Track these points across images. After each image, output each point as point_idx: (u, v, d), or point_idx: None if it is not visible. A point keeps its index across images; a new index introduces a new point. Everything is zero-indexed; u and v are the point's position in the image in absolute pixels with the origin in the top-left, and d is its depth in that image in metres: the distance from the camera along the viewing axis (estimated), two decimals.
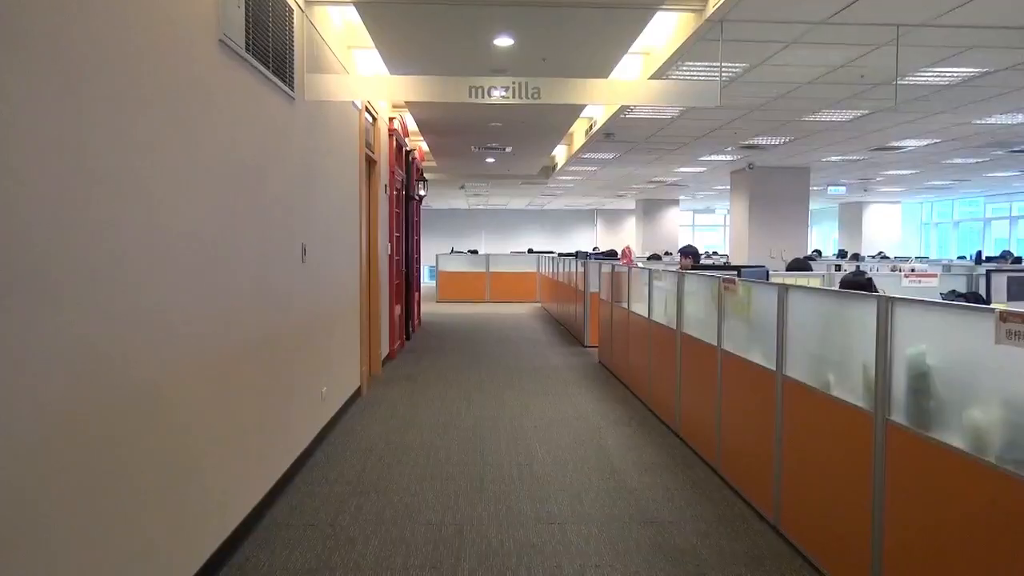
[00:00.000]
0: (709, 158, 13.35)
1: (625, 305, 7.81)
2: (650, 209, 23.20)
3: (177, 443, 3.00)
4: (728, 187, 16.04)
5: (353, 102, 6.76)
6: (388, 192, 9.06)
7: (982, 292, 5.36)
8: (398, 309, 10.02)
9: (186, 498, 3.08)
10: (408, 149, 11.16)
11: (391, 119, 9.28)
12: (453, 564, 3.50)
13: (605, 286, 9.25)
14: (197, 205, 3.18)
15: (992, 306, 2.86)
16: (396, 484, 4.64)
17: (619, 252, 12.22)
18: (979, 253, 14.15)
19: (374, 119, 8.07)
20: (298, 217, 4.85)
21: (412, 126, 10.81)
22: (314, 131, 5.33)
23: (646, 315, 6.81)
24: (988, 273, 5.48)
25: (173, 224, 2.94)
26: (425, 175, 13.41)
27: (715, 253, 19.56)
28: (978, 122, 9.57)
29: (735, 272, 5.79)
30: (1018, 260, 12.22)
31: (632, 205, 25.62)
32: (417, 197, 12.18)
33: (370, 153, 7.76)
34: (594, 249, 19.25)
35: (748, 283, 4.49)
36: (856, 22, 5.45)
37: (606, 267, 9.31)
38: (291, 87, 4.61)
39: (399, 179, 10.07)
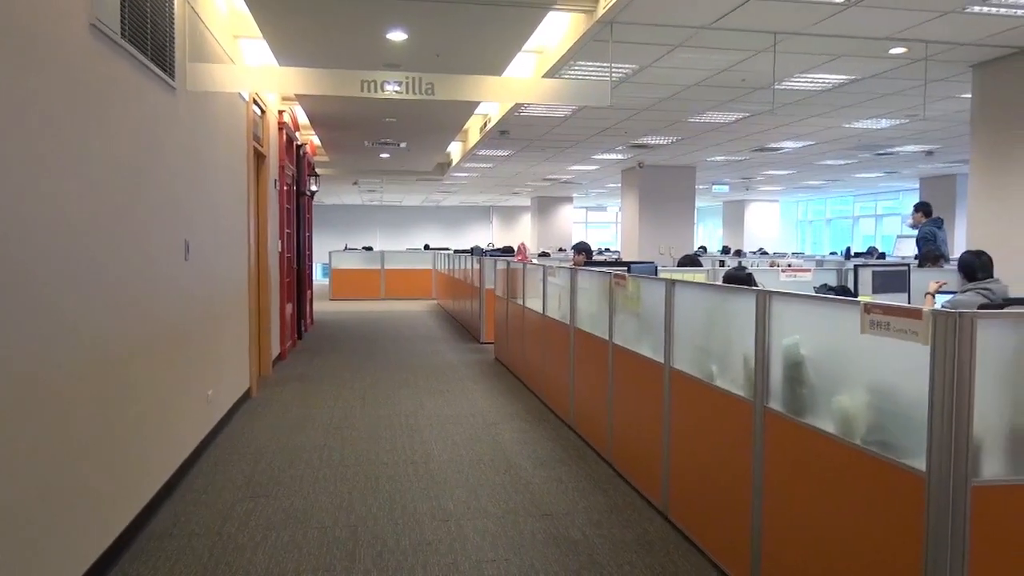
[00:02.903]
0: (601, 156, 13.66)
1: (520, 301, 7.89)
2: (545, 206, 23.52)
3: (42, 451, 2.81)
4: (619, 185, 16.46)
5: (240, 94, 6.52)
6: (278, 187, 8.80)
7: (850, 286, 5.73)
8: (289, 308, 9.75)
9: (52, 514, 2.89)
10: (299, 143, 10.87)
11: (280, 112, 9.01)
12: (347, 566, 3.44)
13: (501, 283, 9.31)
14: (67, 201, 2.98)
15: (858, 298, 3.05)
16: (287, 487, 4.51)
17: (515, 248, 12.33)
18: (848, 249, 15.07)
19: (263, 112, 7.81)
20: (181, 212, 4.64)
21: (303, 119, 10.54)
22: (198, 123, 5.11)
23: (541, 311, 6.90)
24: (856, 268, 5.85)
25: (40, 218, 2.75)
26: (317, 170, 13.10)
27: (607, 250, 20.01)
28: (847, 126, 10.22)
29: (625, 268, 5.95)
30: (882, 256, 13.11)
31: (527, 202, 25.91)
32: (309, 193, 11.88)
33: (259, 147, 7.51)
34: (490, 246, 19.34)
35: (637, 279, 4.62)
36: (736, 28, 5.70)
37: (501, 264, 9.37)
38: (172, 76, 4.40)
39: (289, 174, 9.79)
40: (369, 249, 20.34)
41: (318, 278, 19.93)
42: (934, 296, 5.38)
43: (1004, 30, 5.70)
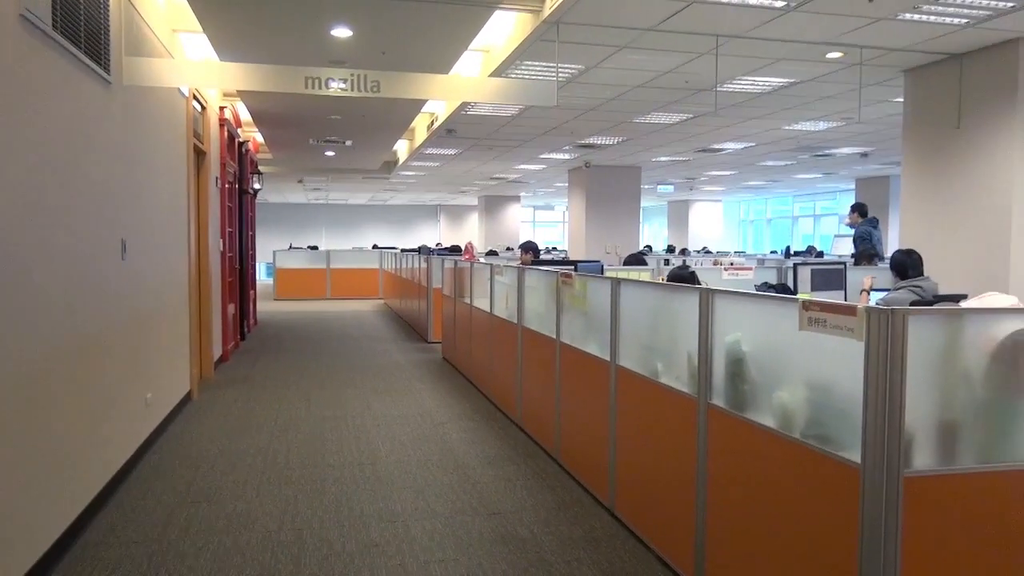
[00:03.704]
0: (548, 156, 13.72)
1: (468, 300, 7.87)
2: (492, 205, 23.53)
3: None
4: (566, 184, 16.56)
5: (179, 89, 6.35)
6: (219, 185, 8.61)
7: (790, 283, 5.87)
8: (232, 308, 9.55)
9: None
10: (241, 140, 10.65)
11: (222, 108, 8.81)
12: (293, 570, 3.39)
13: (448, 282, 9.28)
14: None
15: (797, 296, 3.13)
16: (230, 492, 4.42)
17: (462, 247, 12.30)
18: (788, 248, 15.45)
19: (203, 108, 7.63)
20: (118, 211, 4.50)
21: (245, 116, 10.33)
22: (135, 119, 4.96)
23: (488, 310, 6.90)
24: (795, 266, 6.00)
25: None
26: (260, 168, 12.86)
27: (555, 249, 20.12)
28: (787, 128, 10.46)
29: (572, 267, 5.99)
30: (820, 254, 13.49)
31: (475, 201, 25.88)
32: (252, 191, 11.66)
33: (199, 143, 7.34)
34: (438, 245, 19.26)
35: (584, 277, 4.65)
36: (680, 30, 5.78)
37: (449, 263, 9.34)
38: (107, 70, 4.26)
39: (231, 172, 9.58)
40: (314, 248, 20.08)
41: (262, 278, 19.61)
42: (869, 293, 5.56)
43: (933, 37, 5.92)
